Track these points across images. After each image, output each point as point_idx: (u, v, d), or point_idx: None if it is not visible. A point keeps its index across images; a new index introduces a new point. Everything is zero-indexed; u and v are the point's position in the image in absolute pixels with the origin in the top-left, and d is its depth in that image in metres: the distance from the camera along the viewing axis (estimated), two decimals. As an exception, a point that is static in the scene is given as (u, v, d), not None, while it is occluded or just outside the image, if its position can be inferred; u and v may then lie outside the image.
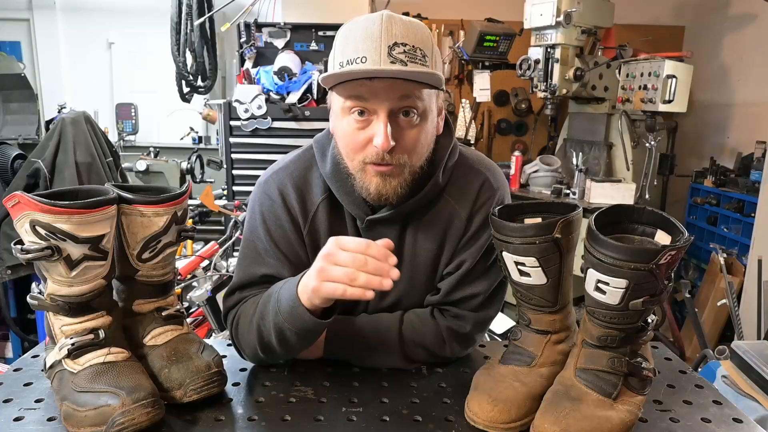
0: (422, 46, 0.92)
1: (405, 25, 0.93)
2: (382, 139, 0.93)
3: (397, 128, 0.95)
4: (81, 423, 0.82)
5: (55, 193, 0.87)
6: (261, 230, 1.09)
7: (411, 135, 0.96)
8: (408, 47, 0.91)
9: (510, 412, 0.87)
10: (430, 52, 0.94)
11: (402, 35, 0.91)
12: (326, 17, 3.54)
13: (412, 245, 1.10)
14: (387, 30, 0.90)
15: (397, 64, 0.90)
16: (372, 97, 0.93)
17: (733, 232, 3.88)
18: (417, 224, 1.09)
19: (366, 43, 0.90)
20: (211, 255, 2.54)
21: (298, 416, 0.90)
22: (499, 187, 1.11)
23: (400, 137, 0.95)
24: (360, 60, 0.90)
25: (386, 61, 0.89)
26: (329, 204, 1.09)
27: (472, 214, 1.09)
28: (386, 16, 0.92)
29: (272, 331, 0.97)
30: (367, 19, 0.93)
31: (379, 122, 0.94)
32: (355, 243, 0.87)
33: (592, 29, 3.46)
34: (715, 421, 0.91)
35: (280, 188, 1.09)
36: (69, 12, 5.47)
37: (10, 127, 3.75)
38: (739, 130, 4.33)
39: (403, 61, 0.90)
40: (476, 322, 1.11)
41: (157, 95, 5.38)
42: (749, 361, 1.64)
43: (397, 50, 0.90)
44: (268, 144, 3.20)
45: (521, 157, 3.77)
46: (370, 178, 0.99)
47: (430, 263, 1.11)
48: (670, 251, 0.79)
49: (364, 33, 0.91)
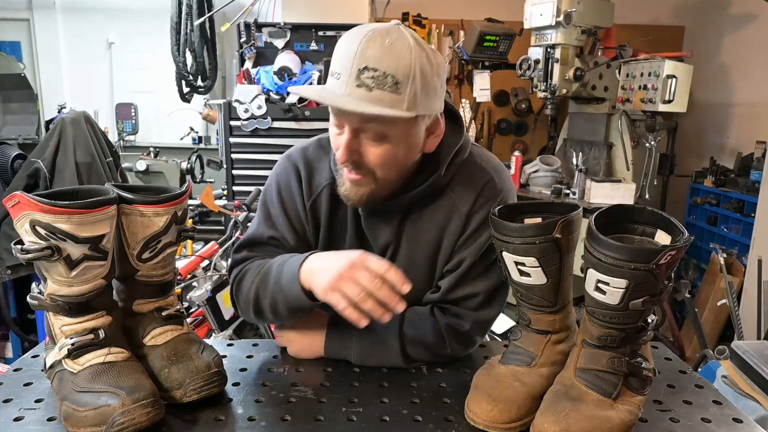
0: (396, 73, 0.92)
1: (383, 49, 0.92)
2: (341, 152, 0.99)
3: (361, 144, 0.99)
4: (81, 423, 0.82)
5: (55, 193, 0.87)
6: (275, 197, 1.17)
7: (375, 152, 1.00)
8: (378, 73, 0.91)
9: (510, 412, 0.87)
10: (407, 78, 0.92)
11: (375, 60, 0.91)
12: (326, 17, 3.54)
13: (411, 237, 1.12)
14: (362, 52, 0.92)
15: (362, 89, 0.92)
16: (340, 114, 0.98)
17: (733, 232, 3.88)
18: (417, 217, 1.11)
19: (344, 60, 0.94)
20: (211, 255, 2.54)
21: (298, 416, 0.90)
22: (503, 189, 1.11)
23: (365, 153, 1.00)
24: (337, 75, 0.95)
25: (353, 83, 0.92)
26: (332, 189, 1.13)
27: (471, 211, 1.09)
28: (368, 37, 0.92)
29: (268, 298, 1.06)
30: (354, 36, 0.94)
31: (342, 136, 0.99)
32: (377, 265, 0.93)
33: (592, 29, 3.46)
34: (715, 421, 0.91)
35: (296, 163, 1.17)
36: (69, 12, 5.47)
37: (10, 127, 3.75)
38: (739, 130, 4.33)
39: (368, 86, 0.92)
40: (476, 322, 1.11)
41: (157, 95, 5.38)
42: (749, 361, 1.64)
43: (365, 74, 0.92)
44: (268, 144, 3.20)
45: (521, 157, 3.77)
46: (343, 179, 1.05)
47: (428, 257, 1.12)
48: (670, 251, 0.79)
49: (346, 49, 0.94)
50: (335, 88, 0.94)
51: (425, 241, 1.11)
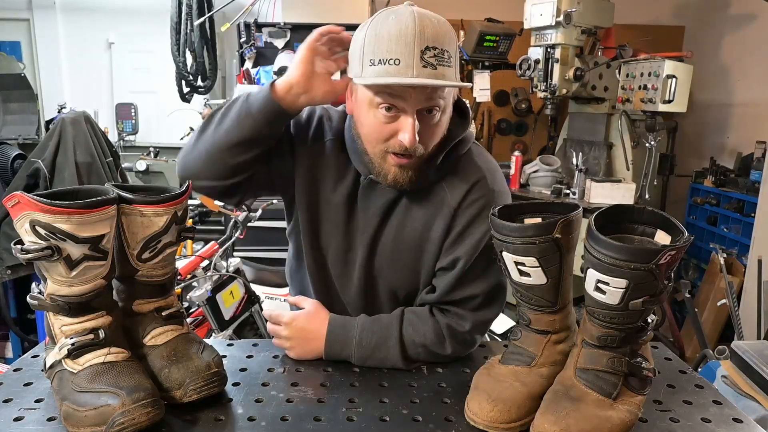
0: (449, 47, 0.96)
1: (435, 27, 0.95)
2: (410, 137, 0.98)
3: (421, 125, 1.00)
4: (81, 423, 0.82)
5: (55, 193, 0.87)
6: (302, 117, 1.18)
7: (432, 130, 1.02)
8: (438, 51, 0.94)
9: (510, 412, 0.87)
10: (454, 52, 0.98)
11: (433, 38, 0.94)
12: (326, 17, 3.52)
13: (400, 219, 1.13)
14: (420, 33, 0.93)
15: (428, 68, 0.94)
16: (402, 98, 0.98)
17: (733, 232, 3.88)
18: (409, 201, 1.12)
19: (399, 44, 0.94)
20: (211, 255, 2.54)
21: (298, 416, 0.90)
22: (495, 190, 1.11)
23: (423, 132, 1.01)
24: (394, 62, 0.94)
25: (419, 65, 0.93)
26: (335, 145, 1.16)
27: (460, 206, 1.10)
28: (418, 15, 0.95)
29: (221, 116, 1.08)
30: (399, 17, 0.95)
31: (407, 120, 0.98)
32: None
33: (592, 29, 3.46)
34: (715, 421, 0.91)
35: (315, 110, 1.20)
36: (69, 12, 5.46)
37: (10, 127, 3.75)
38: (739, 130, 4.33)
39: (433, 64, 0.94)
40: (475, 322, 1.11)
41: (157, 95, 5.37)
42: (749, 361, 1.64)
43: (428, 54, 0.94)
44: (268, 144, 3.19)
45: (521, 157, 3.77)
46: (389, 166, 1.05)
47: (415, 244, 1.13)
48: (670, 251, 0.79)
49: (398, 32, 0.94)
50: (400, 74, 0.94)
51: (412, 227, 1.12)
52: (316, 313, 1.15)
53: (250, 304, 2.52)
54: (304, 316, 1.14)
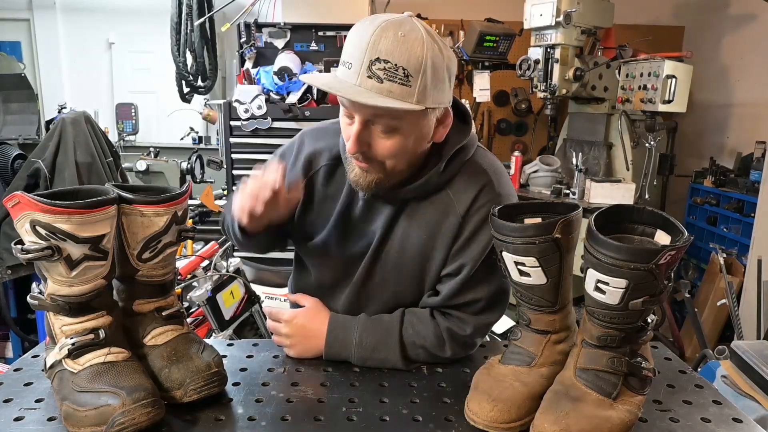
0: (407, 65, 0.92)
1: (395, 41, 0.91)
2: (350, 143, 1.01)
3: (371, 135, 1.00)
4: (81, 423, 0.82)
5: (55, 193, 0.87)
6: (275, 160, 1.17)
7: (383, 144, 1.01)
8: (389, 65, 0.92)
9: (510, 412, 0.87)
10: (417, 72, 0.92)
11: (387, 52, 0.91)
12: (326, 17, 3.54)
13: (405, 228, 1.12)
14: (374, 43, 0.92)
15: (373, 80, 0.92)
16: (351, 105, 0.98)
17: (733, 232, 3.87)
18: (413, 210, 1.12)
19: (355, 50, 0.94)
20: (211, 255, 2.54)
21: (298, 416, 0.90)
22: (502, 194, 1.10)
23: (374, 144, 1.01)
24: (347, 65, 0.95)
25: (364, 74, 0.93)
26: (330, 170, 1.18)
27: (468, 213, 1.09)
28: (381, 28, 0.92)
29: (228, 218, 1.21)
30: (365, 27, 0.94)
31: (352, 127, 0.99)
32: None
33: (592, 29, 3.46)
34: (715, 421, 0.91)
35: (304, 140, 1.23)
36: (69, 12, 5.46)
37: (10, 127, 3.75)
38: (739, 130, 4.33)
39: (380, 77, 0.92)
40: (477, 326, 1.11)
41: (157, 95, 5.37)
42: (749, 361, 1.64)
43: (377, 66, 0.92)
44: (268, 144, 3.19)
45: (521, 157, 3.76)
46: (352, 166, 1.07)
47: (419, 251, 1.12)
48: (669, 251, 0.79)
49: (358, 39, 0.94)
50: (347, 78, 0.95)
51: (417, 235, 1.11)
52: (317, 311, 1.15)
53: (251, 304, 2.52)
54: (305, 314, 1.14)
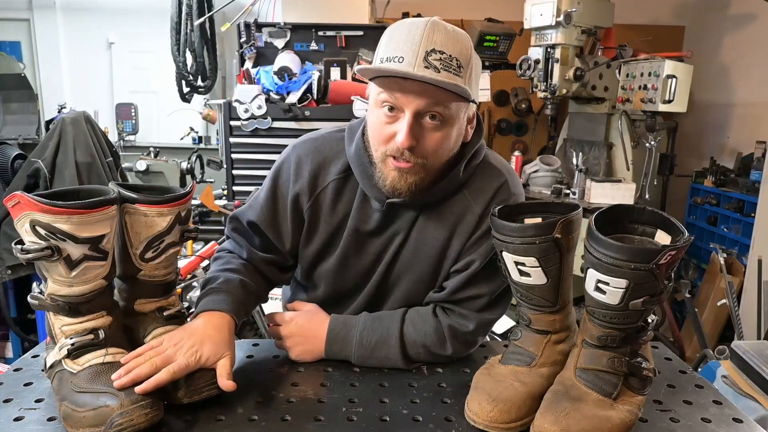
0: (459, 57, 0.95)
1: (447, 34, 0.95)
2: (403, 137, 0.97)
3: (421, 129, 0.99)
4: (80, 423, 0.82)
5: (55, 193, 0.87)
6: (270, 183, 1.18)
7: (432, 137, 1.00)
8: (445, 56, 0.94)
9: (510, 412, 0.87)
10: (467, 64, 0.96)
11: (441, 43, 0.94)
12: (326, 17, 3.53)
13: (421, 231, 1.12)
14: (428, 36, 0.94)
15: (431, 70, 0.93)
16: (402, 96, 0.97)
17: (733, 232, 3.87)
18: (430, 212, 1.12)
19: (406, 45, 0.94)
20: (211, 255, 2.53)
21: (298, 416, 0.90)
22: (515, 193, 1.13)
23: (422, 138, 0.99)
24: (398, 59, 0.94)
25: (421, 65, 0.93)
26: (339, 185, 1.14)
27: (485, 212, 1.09)
28: (431, 23, 0.95)
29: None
30: (412, 23, 0.97)
31: (404, 121, 0.98)
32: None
33: (592, 29, 3.46)
34: (715, 421, 0.91)
35: (301, 156, 1.15)
36: (69, 12, 5.46)
37: (10, 127, 3.75)
38: (739, 130, 4.33)
39: (436, 68, 0.93)
40: (479, 323, 1.11)
41: (157, 95, 5.37)
42: (749, 361, 1.63)
43: (433, 56, 0.93)
44: (268, 144, 3.19)
45: (521, 157, 3.77)
46: (388, 170, 1.03)
47: (436, 253, 1.12)
48: (670, 251, 0.79)
49: (407, 35, 0.95)
50: (401, 69, 0.94)
51: (434, 237, 1.12)
52: (317, 313, 1.16)
53: (250, 304, 2.51)
54: (304, 316, 1.15)
